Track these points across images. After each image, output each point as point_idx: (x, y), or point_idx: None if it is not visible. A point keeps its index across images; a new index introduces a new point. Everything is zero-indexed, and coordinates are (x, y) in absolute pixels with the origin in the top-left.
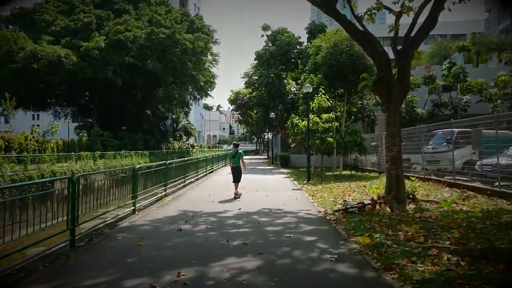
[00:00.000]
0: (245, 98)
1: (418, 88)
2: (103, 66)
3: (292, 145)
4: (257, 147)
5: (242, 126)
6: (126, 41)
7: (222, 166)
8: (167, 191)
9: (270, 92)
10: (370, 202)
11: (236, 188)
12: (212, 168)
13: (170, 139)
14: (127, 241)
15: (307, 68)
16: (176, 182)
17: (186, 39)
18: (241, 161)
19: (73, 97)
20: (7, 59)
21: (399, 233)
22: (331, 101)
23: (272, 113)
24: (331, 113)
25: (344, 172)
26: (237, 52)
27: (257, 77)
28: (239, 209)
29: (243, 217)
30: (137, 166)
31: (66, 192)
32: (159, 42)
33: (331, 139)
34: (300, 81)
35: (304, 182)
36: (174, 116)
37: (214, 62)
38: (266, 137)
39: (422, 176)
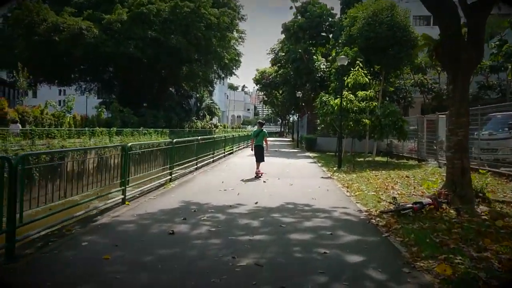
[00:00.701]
0: (270, 77)
1: None
2: (125, 40)
3: (320, 127)
4: (282, 129)
5: (267, 107)
6: (149, 14)
7: (243, 148)
8: (172, 176)
9: (297, 69)
10: (431, 201)
11: (257, 167)
12: (232, 149)
13: (193, 118)
14: (91, 251)
15: (340, 41)
16: (185, 165)
17: (211, 14)
18: (264, 141)
19: (96, 72)
20: (30, 31)
21: (487, 253)
22: (369, 77)
23: (299, 92)
24: (369, 91)
25: (377, 159)
26: (264, 30)
27: (283, 53)
28: (256, 203)
29: (260, 216)
30: (129, 145)
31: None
32: (183, 16)
33: (367, 121)
34: (331, 57)
35: (334, 169)
36: (198, 95)
37: (240, 40)
38: (291, 119)
39: (476, 168)
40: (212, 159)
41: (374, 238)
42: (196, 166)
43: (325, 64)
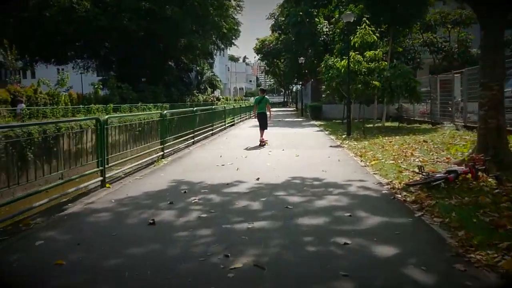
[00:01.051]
0: (271, 45)
1: (473, 24)
2: (118, 13)
3: (325, 93)
4: (285, 99)
5: (269, 77)
6: None
7: (245, 119)
8: (164, 152)
9: (298, 33)
10: (467, 169)
11: (261, 135)
12: (233, 121)
13: (195, 91)
14: (43, 253)
15: (343, 1)
16: (180, 139)
17: None
18: (266, 108)
19: (92, 49)
20: (19, 7)
21: None
22: (377, 35)
23: (301, 58)
24: (378, 50)
25: (387, 124)
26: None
27: (283, 18)
28: (257, 179)
29: (262, 196)
30: (105, 117)
31: None
32: None
33: (377, 83)
34: (334, 19)
35: (343, 136)
36: (198, 68)
37: (238, 8)
38: (294, 88)
39: None
40: (211, 132)
41: (405, 219)
42: (193, 140)
43: (328, 27)
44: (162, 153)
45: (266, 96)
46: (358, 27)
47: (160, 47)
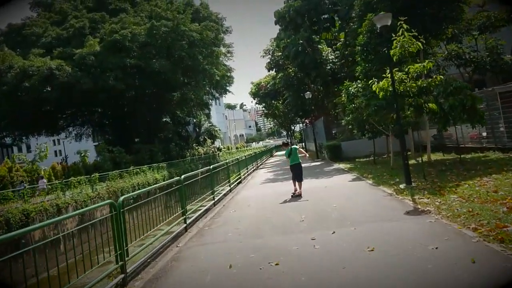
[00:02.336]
0: (268, 85)
1: (502, 27)
2: (102, 73)
3: (347, 128)
4: (288, 140)
5: (268, 120)
6: (124, 40)
7: (253, 170)
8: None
9: (302, 64)
10: None
11: (299, 187)
12: (240, 177)
13: (194, 144)
14: None
15: (354, 15)
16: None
17: (192, 29)
18: (297, 155)
19: (82, 115)
20: None
21: None
22: (421, 40)
23: (308, 93)
24: (426, 61)
25: (434, 157)
26: (254, 40)
27: (280, 51)
28: None
29: None
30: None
31: None
32: (162, 37)
33: (433, 105)
34: (340, 43)
35: (402, 187)
36: (195, 120)
37: (229, 55)
38: (296, 128)
39: None
40: (213, 202)
41: None
42: (185, 226)
43: (333, 54)
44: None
45: (293, 146)
46: (394, 35)
47: (153, 104)
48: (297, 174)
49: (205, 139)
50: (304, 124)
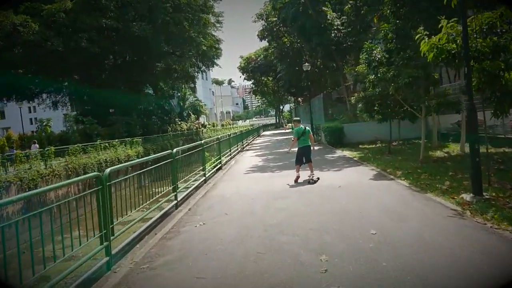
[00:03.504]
0: (258, 59)
1: None
2: (74, 33)
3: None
4: (277, 120)
5: (256, 98)
6: None
7: (237, 152)
8: None
9: (302, 28)
10: None
11: (311, 170)
12: (220, 162)
13: (177, 119)
14: None
15: None
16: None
17: None
18: (310, 140)
19: (53, 79)
20: None
21: None
22: None
23: (306, 64)
24: (502, 7)
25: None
26: (247, 16)
27: (276, 15)
28: None
29: None
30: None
31: None
32: None
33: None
34: (349, 5)
35: (470, 198)
36: (179, 94)
37: (218, 25)
38: (285, 108)
39: None
40: (175, 203)
41: None
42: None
43: (339, 19)
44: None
45: (307, 127)
46: None
47: (134, 73)
48: (307, 156)
49: (189, 114)
50: (295, 103)
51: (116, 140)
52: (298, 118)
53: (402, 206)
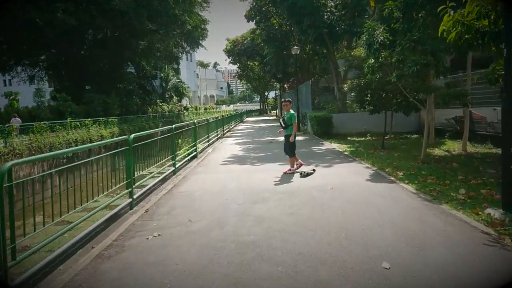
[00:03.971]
0: (245, 41)
1: None
2: (49, 3)
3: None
4: (261, 107)
5: (241, 82)
6: None
7: (216, 139)
8: None
9: (293, 6)
10: None
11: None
12: (195, 149)
13: (158, 100)
14: None
15: None
16: None
17: None
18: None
19: (26, 52)
20: None
21: None
22: None
23: (295, 48)
24: None
25: (470, 149)
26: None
27: None
28: None
29: None
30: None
31: None
32: None
33: None
34: None
35: (499, 215)
36: (162, 74)
37: (205, 5)
38: (270, 95)
39: None
40: (129, 202)
41: None
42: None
43: (334, 1)
44: None
45: (292, 111)
46: None
47: (116, 50)
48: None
49: (171, 96)
50: (281, 89)
51: (90, 119)
52: (289, 99)
53: (417, 223)
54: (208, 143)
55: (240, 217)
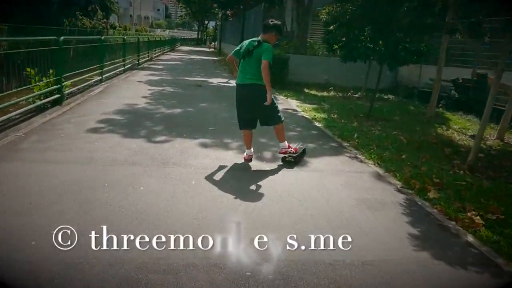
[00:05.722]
0: None
1: None
2: None
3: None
4: (199, 36)
5: (180, 6)
6: None
7: (124, 70)
8: None
9: None
10: None
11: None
12: (61, 88)
13: (77, 13)
14: None
15: None
16: None
17: None
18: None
19: None
20: None
21: None
22: None
23: None
24: None
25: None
26: None
27: None
28: None
29: None
30: None
31: None
32: None
33: None
34: None
35: None
36: None
37: None
38: (209, 24)
39: None
40: None
41: None
42: None
43: None
44: None
45: (266, 43)
46: None
47: None
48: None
49: (95, 9)
50: (222, 18)
51: None
52: (268, 24)
53: None
54: (102, 76)
55: None
